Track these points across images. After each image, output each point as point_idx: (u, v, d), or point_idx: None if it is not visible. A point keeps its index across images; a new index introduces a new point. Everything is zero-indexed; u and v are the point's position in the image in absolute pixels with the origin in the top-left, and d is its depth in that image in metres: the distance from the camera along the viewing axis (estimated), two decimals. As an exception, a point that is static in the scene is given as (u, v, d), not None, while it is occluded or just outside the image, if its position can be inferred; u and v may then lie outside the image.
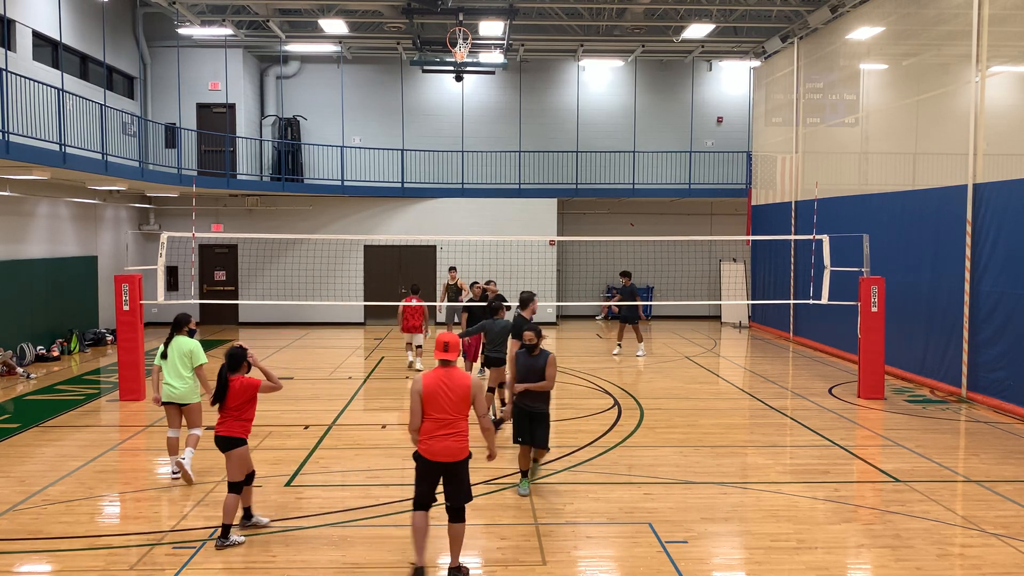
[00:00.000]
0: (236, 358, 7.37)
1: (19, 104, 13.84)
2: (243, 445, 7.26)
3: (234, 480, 7.18)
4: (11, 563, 6.82)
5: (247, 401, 7.30)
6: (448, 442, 6.35)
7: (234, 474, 7.19)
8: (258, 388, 7.37)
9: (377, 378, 15.59)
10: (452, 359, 6.54)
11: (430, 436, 6.36)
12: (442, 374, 6.47)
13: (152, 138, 21.73)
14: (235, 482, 7.18)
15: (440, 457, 6.35)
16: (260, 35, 22.42)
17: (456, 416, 6.38)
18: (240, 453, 7.21)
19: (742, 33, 22.56)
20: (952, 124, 13.90)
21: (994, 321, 12.63)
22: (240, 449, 7.22)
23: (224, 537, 7.06)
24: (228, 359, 7.38)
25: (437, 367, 6.55)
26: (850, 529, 7.54)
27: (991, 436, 11.08)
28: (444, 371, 6.49)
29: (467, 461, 6.48)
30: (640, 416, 12.13)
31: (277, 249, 22.80)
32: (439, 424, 6.35)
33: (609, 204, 25.20)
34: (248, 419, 7.33)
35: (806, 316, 19.55)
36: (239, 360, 7.37)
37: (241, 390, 7.25)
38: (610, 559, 7.01)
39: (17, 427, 11.40)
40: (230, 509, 7.12)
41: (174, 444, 9.03)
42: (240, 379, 7.31)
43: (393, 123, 24.96)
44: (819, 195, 17.26)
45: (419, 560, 6.50)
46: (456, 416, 6.38)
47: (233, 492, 7.15)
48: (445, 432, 6.35)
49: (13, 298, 16.61)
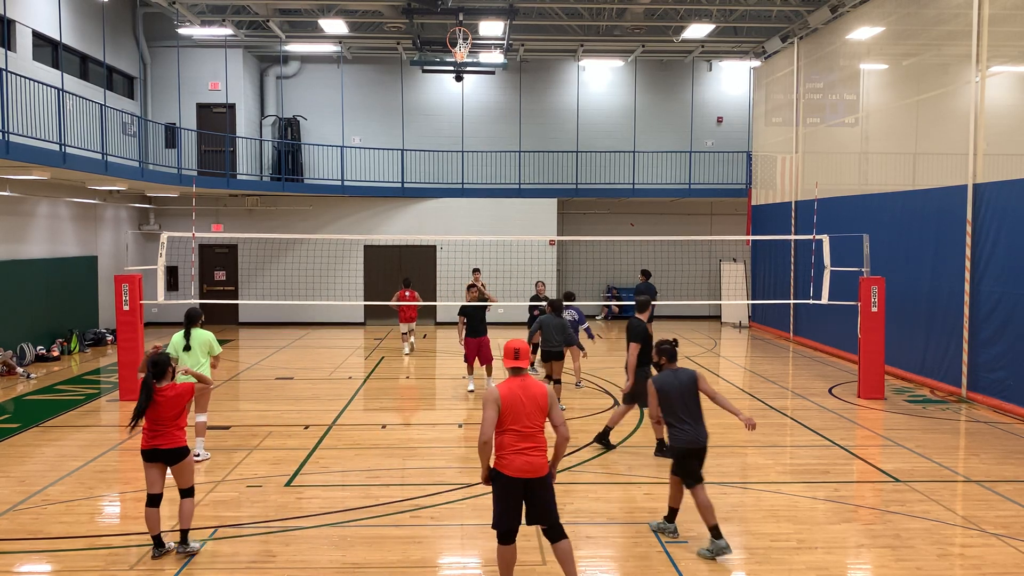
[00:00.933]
0: (161, 365, 6.90)
1: (19, 104, 13.84)
2: (189, 452, 6.97)
3: (189, 486, 6.92)
4: (11, 563, 6.82)
5: (182, 411, 6.91)
6: (530, 456, 5.88)
7: (188, 481, 6.92)
8: (193, 392, 7.06)
9: (377, 378, 15.58)
10: (524, 367, 6.11)
11: (509, 451, 5.89)
12: (518, 383, 6.00)
13: (152, 138, 21.73)
14: (188, 487, 6.92)
15: (521, 473, 5.86)
16: (260, 35, 22.42)
17: (535, 427, 5.93)
18: (189, 459, 6.94)
19: (742, 33, 22.56)
20: (952, 124, 13.90)
21: (994, 321, 12.62)
22: (188, 456, 6.94)
23: (184, 543, 6.86)
24: (152, 367, 6.87)
25: (510, 376, 6.10)
26: (850, 529, 7.54)
27: (991, 436, 11.07)
28: (519, 380, 6.03)
29: (549, 478, 6.03)
30: (640, 416, 12.12)
31: (277, 249, 22.79)
32: (518, 437, 5.89)
33: (609, 204, 25.20)
34: (185, 424, 6.99)
35: (806, 316, 19.55)
36: (164, 367, 6.92)
37: (177, 399, 6.86)
38: (610, 559, 7.01)
39: (17, 427, 11.40)
40: (187, 514, 6.88)
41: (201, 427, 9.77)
42: (172, 388, 6.91)
43: (393, 123, 24.96)
44: (819, 195, 17.26)
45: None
46: (535, 427, 5.93)
47: (188, 497, 6.90)
48: (525, 445, 5.89)
49: (13, 298, 16.61)
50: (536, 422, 5.96)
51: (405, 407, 13.27)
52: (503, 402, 5.91)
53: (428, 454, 10.26)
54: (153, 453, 6.82)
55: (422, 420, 12.32)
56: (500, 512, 5.96)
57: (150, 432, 6.82)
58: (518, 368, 6.10)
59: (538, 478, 5.92)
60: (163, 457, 6.84)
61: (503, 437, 5.94)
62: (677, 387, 7.21)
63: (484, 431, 5.90)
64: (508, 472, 5.87)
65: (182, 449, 6.86)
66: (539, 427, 5.98)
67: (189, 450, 6.96)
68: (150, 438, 6.82)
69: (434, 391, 14.69)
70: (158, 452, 6.81)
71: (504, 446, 5.92)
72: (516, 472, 5.87)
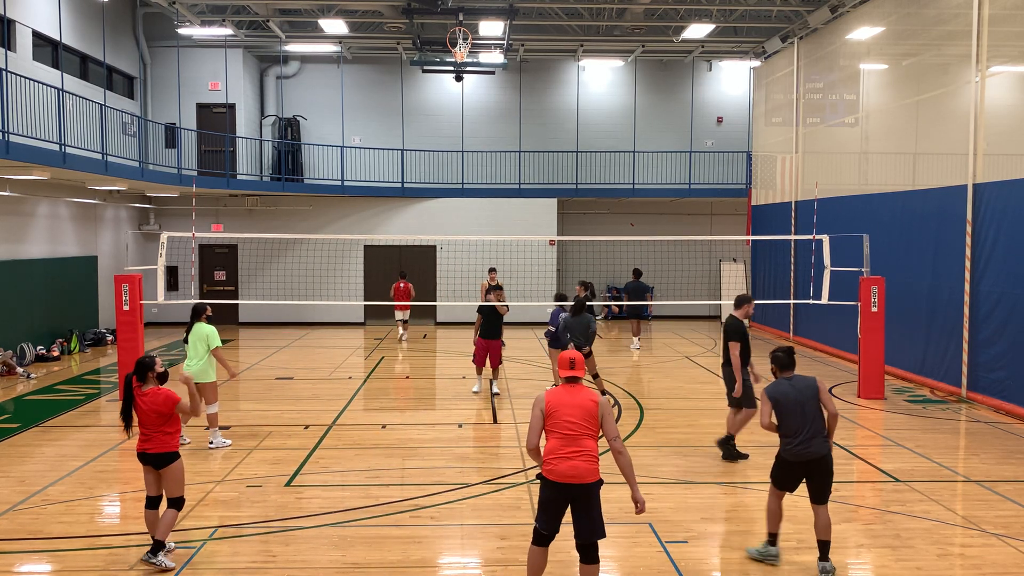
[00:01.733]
0: (142, 366, 6.81)
1: (19, 104, 13.84)
2: (179, 458, 6.82)
3: (176, 495, 6.77)
4: (11, 563, 6.82)
5: (168, 416, 6.76)
6: (576, 462, 5.67)
7: (176, 489, 6.76)
8: (175, 402, 6.77)
9: (377, 378, 15.58)
10: (580, 376, 5.96)
11: (555, 455, 5.73)
12: (566, 388, 5.91)
13: (152, 138, 21.73)
14: (176, 498, 6.77)
15: (567, 479, 5.66)
16: (260, 35, 22.42)
17: (582, 430, 5.73)
18: (178, 467, 6.78)
19: (742, 33, 22.56)
20: (952, 124, 13.90)
21: (994, 321, 12.62)
22: (177, 463, 6.78)
23: (153, 553, 6.59)
24: (135, 367, 6.87)
25: (563, 384, 6.00)
26: (850, 529, 7.54)
27: (991, 436, 11.07)
28: (569, 386, 5.92)
29: (598, 487, 5.76)
30: (640, 416, 12.13)
31: (277, 249, 22.80)
32: (565, 440, 5.72)
33: (609, 204, 25.20)
34: (176, 431, 6.85)
35: (806, 316, 19.55)
36: (145, 368, 6.80)
37: (155, 406, 6.71)
38: (610, 559, 7.00)
39: (17, 427, 11.40)
40: (168, 525, 6.69)
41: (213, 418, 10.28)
42: (154, 392, 6.75)
43: (393, 123, 24.96)
44: (819, 195, 17.25)
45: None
46: (582, 430, 5.73)
47: (174, 508, 6.74)
48: (573, 450, 5.69)
49: (13, 298, 16.61)
50: (584, 425, 5.76)
51: (405, 407, 13.27)
52: (547, 406, 5.83)
53: (428, 454, 10.26)
54: (143, 456, 6.80)
55: (422, 420, 12.32)
56: (540, 515, 5.88)
57: (141, 435, 6.82)
58: (573, 377, 5.96)
59: (583, 484, 5.69)
60: (151, 461, 6.77)
61: (550, 442, 5.83)
62: (794, 396, 6.68)
63: (529, 438, 5.91)
64: (552, 477, 5.74)
65: (169, 455, 6.75)
66: (586, 432, 5.76)
67: (177, 456, 6.80)
68: (141, 441, 6.82)
69: (434, 391, 14.69)
70: (146, 456, 6.77)
71: (550, 451, 5.80)
72: (560, 477, 5.70)
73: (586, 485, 5.70)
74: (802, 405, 6.61)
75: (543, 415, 5.83)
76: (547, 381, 15.08)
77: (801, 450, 6.54)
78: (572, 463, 5.68)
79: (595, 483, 5.74)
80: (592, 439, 5.79)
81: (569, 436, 5.73)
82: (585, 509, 5.73)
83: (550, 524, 5.82)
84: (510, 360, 16.92)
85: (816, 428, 6.57)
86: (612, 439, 5.82)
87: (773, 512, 6.78)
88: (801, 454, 6.55)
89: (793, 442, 6.58)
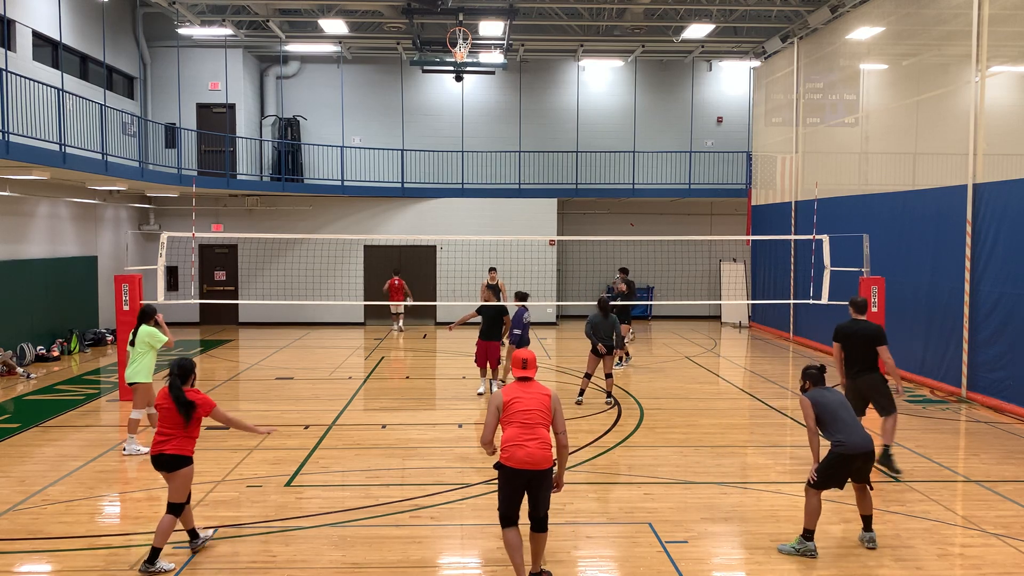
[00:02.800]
0: (187, 369, 6.82)
1: (19, 104, 13.84)
2: (190, 465, 6.75)
3: (178, 501, 6.66)
4: (11, 563, 6.82)
5: (199, 419, 6.78)
6: (531, 448, 6.11)
7: (179, 495, 6.66)
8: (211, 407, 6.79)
9: (377, 378, 15.59)
10: (531, 376, 6.40)
11: (512, 443, 6.15)
12: (520, 385, 6.36)
13: (152, 138, 21.73)
14: (177, 503, 6.67)
15: (524, 465, 6.10)
16: (260, 35, 22.42)
17: (537, 419, 6.18)
18: (188, 473, 6.71)
19: (742, 33, 22.56)
20: (952, 124, 13.90)
21: (994, 321, 12.63)
22: (188, 468, 6.71)
23: (151, 562, 6.52)
24: (180, 370, 6.78)
25: (516, 381, 6.43)
26: (850, 529, 7.54)
27: (991, 436, 11.08)
28: (523, 383, 6.37)
29: (551, 472, 6.26)
30: (640, 416, 12.13)
31: (277, 249, 22.80)
32: (521, 428, 6.15)
33: (609, 204, 25.20)
34: (196, 436, 6.82)
35: (806, 316, 19.54)
36: (187, 371, 6.82)
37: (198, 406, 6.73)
38: (610, 559, 7.01)
39: (17, 427, 11.40)
40: (165, 531, 6.56)
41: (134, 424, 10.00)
42: (197, 393, 6.79)
43: (393, 123, 24.96)
44: (819, 195, 17.26)
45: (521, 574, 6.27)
46: (537, 419, 6.18)
47: (172, 513, 6.64)
48: (528, 437, 6.12)
49: (13, 298, 16.61)
50: (538, 417, 6.21)
51: (405, 407, 13.27)
52: (504, 401, 6.26)
53: (428, 454, 10.26)
54: (158, 459, 6.69)
55: (422, 420, 12.32)
56: (502, 500, 6.27)
57: (159, 437, 6.73)
58: (525, 378, 6.39)
59: (540, 471, 6.14)
60: (165, 463, 6.66)
61: (508, 431, 6.22)
62: (831, 398, 7.10)
63: (484, 434, 6.33)
64: (510, 464, 6.14)
65: (183, 459, 6.67)
66: (541, 422, 6.22)
67: (190, 463, 6.72)
68: (158, 444, 6.72)
69: (434, 391, 14.69)
70: (162, 457, 6.66)
71: (508, 439, 6.19)
72: (518, 464, 6.12)
73: (542, 471, 6.16)
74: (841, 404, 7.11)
75: (499, 411, 6.27)
76: (547, 380, 15.10)
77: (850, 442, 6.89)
78: (528, 450, 6.12)
79: (549, 469, 6.21)
80: (546, 428, 6.25)
81: (526, 424, 6.18)
82: (538, 490, 6.21)
83: (510, 506, 6.23)
84: (510, 360, 16.92)
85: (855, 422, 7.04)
86: (560, 432, 6.31)
87: (815, 509, 6.95)
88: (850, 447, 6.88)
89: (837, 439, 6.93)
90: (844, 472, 6.93)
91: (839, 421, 6.94)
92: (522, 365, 6.41)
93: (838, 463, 6.89)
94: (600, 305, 12.92)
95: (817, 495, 6.96)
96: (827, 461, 6.94)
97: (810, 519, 6.95)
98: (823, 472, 6.94)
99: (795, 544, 6.96)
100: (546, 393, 6.32)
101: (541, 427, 6.20)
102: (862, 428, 7.01)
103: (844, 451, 6.85)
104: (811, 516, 6.95)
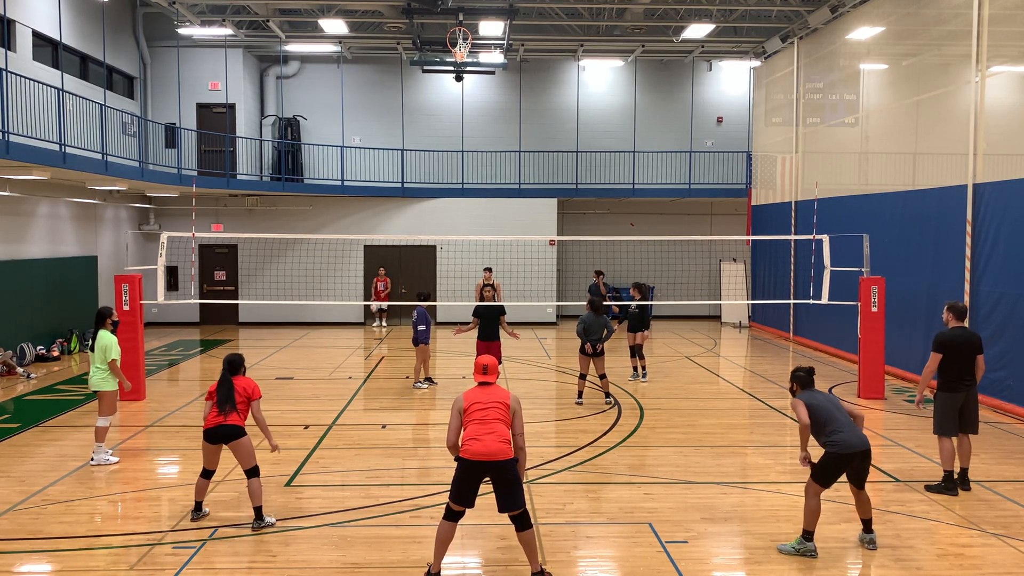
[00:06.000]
0: (236, 364, 7.81)
1: (19, 104, 13.84)
2: (247, 434, 7.63)
3: (251, 465, 7.54)
4: (11, 563, 6.82)
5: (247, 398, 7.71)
6: (488, 440, 6.23)
7: (249, 460, 7.55)
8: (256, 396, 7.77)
9: (377, 378, 15.59)
10: (491, 381, 6.59)
11: (470, 437, 6.30)
12: (481, 388, 6.55)
13: (152, 138, 21.73)
14: (253, 466, 7.55)
15: (481, 457, 6.20)
16: (260, 35, 22.42)
17: (495, 415, 6.34)
18: (248, 440, 7.59)
19: (742, 33, 22.56)
20: (952, 124, 13.90)
21: (994, 321, 12.62)
22: (247, 437, 7.59)
23: (259, 519, 7.46)
24: (229, 365, 7.78)
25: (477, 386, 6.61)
26: (850, 529, 7.54)
27: (991, 436, 11.07)
28: (483, 387, 6.56)
29: (513, 464, 6.29)
30: (640, 416, 12.13)
31: (277, 249, 22.80)
32: (480, 424, 6.31)
33: (609, 204, 25.20)
34: (247, 413, 7.74)
35: (806, 316, 19.55)
36: (237, 365, 7.83)
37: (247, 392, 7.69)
38: (610, 559, 7.01)
39: (17, 427, 11.40)
40: (256, 492, 7.50)
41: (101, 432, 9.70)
42: (245, 379, 7.79)
43: (393, 123, 24.96)
44: (819, 195, 17.26)
45: (435, 567, 6.39)
46: (495, 415, 6.34)
47: (252, 476, 7.52)
48: (486, 431, 6.27)
49: (13, 298, 16.61)
50: (497, 414, 6.36)
51: (405, 407, 13.27)
52: (465, 404, 6.44)
53: (428, 454, 10.26)
54: (215, 432, 7.51)
55: (422, 420, 12.32)
56: (454, 491, 6.36)
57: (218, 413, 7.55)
58: (485, 383, 6.57)
59: (496, 462, 6.22)
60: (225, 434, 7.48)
61: (467, 430, 6.39)
62: (822, 399, 7.09)
63: (448, 437, 6.44)
64: (467, 456, 6.27)
65: (243, 429, 7.54)
66: (499, 419, 6.36)
67: (246, 432, 7.57)
68: (216, 417, 7.53)
69: (434, 391, 14.68)
70: (222, 428, 7.48)
71: (467, 436, 6.36)
72: (474, 456, 6.23)
73: (499, 462, 6.23)
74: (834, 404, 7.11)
75: (461, 413, 6.42)
76: (547, 380, 15.10)
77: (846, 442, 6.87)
78: (485, 443, 6.23)
79: (509, 460, 6.27)
80: (505, 425, 6.37)
81: (484, 420, 6.33)
82: (503, 484, 6.26)
83: (463, 500, 6.30)
84: (510, 360, 16.93)
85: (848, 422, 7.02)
86: (517, 435, 6.44)
87: (815, 510, 6.95)
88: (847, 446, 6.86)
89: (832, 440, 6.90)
90: (843, 472, 6.91)
91: (835, 421, 6.91)
92: (483, 371, 6.60)
93: (835, 464, 6.86)
94: (592, 305, 12.86)
95: (817, 496, 6.94)
96: (824, 463, 6.91)
97: (810, 520, 6.95)
98: (821, 476, 6.91)
99: (795, 544, 6.97)
100: (506, 395, 6.48)
101: (499, 423, 6.34)
102: (857, 427, 6.98)
103: (841, 451, 6.82)
104: (811, 517, 6.95)
